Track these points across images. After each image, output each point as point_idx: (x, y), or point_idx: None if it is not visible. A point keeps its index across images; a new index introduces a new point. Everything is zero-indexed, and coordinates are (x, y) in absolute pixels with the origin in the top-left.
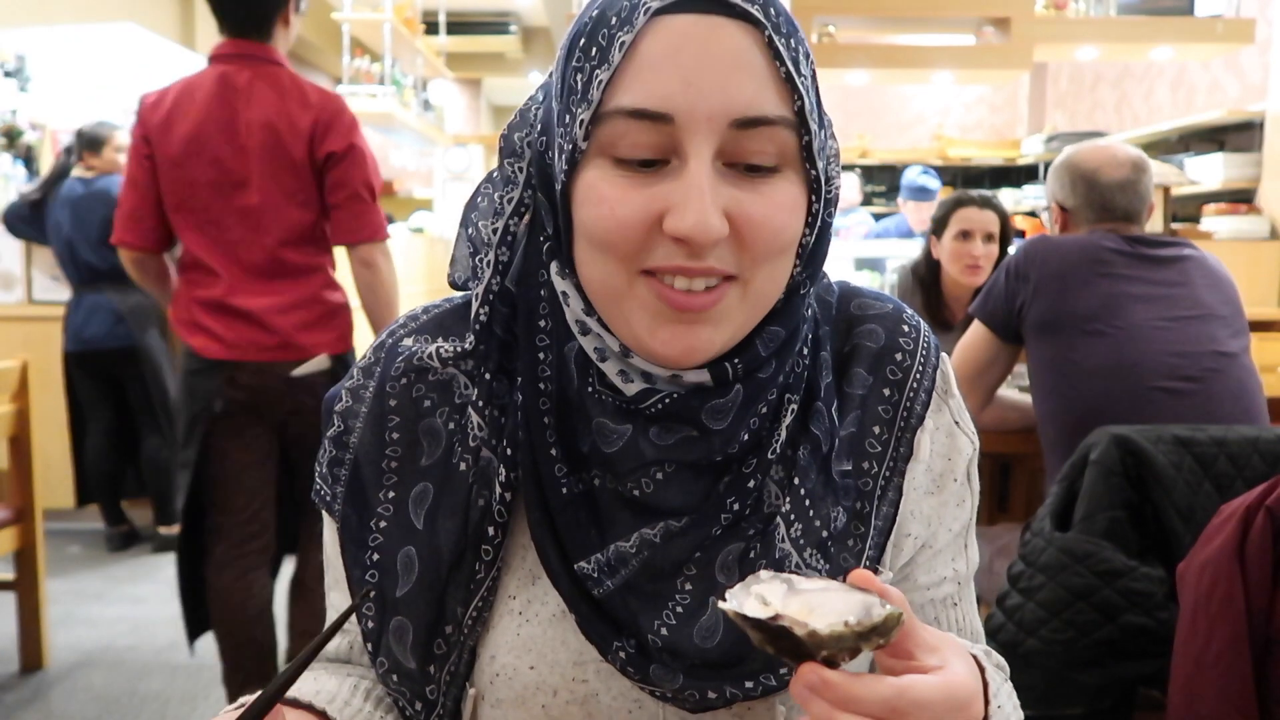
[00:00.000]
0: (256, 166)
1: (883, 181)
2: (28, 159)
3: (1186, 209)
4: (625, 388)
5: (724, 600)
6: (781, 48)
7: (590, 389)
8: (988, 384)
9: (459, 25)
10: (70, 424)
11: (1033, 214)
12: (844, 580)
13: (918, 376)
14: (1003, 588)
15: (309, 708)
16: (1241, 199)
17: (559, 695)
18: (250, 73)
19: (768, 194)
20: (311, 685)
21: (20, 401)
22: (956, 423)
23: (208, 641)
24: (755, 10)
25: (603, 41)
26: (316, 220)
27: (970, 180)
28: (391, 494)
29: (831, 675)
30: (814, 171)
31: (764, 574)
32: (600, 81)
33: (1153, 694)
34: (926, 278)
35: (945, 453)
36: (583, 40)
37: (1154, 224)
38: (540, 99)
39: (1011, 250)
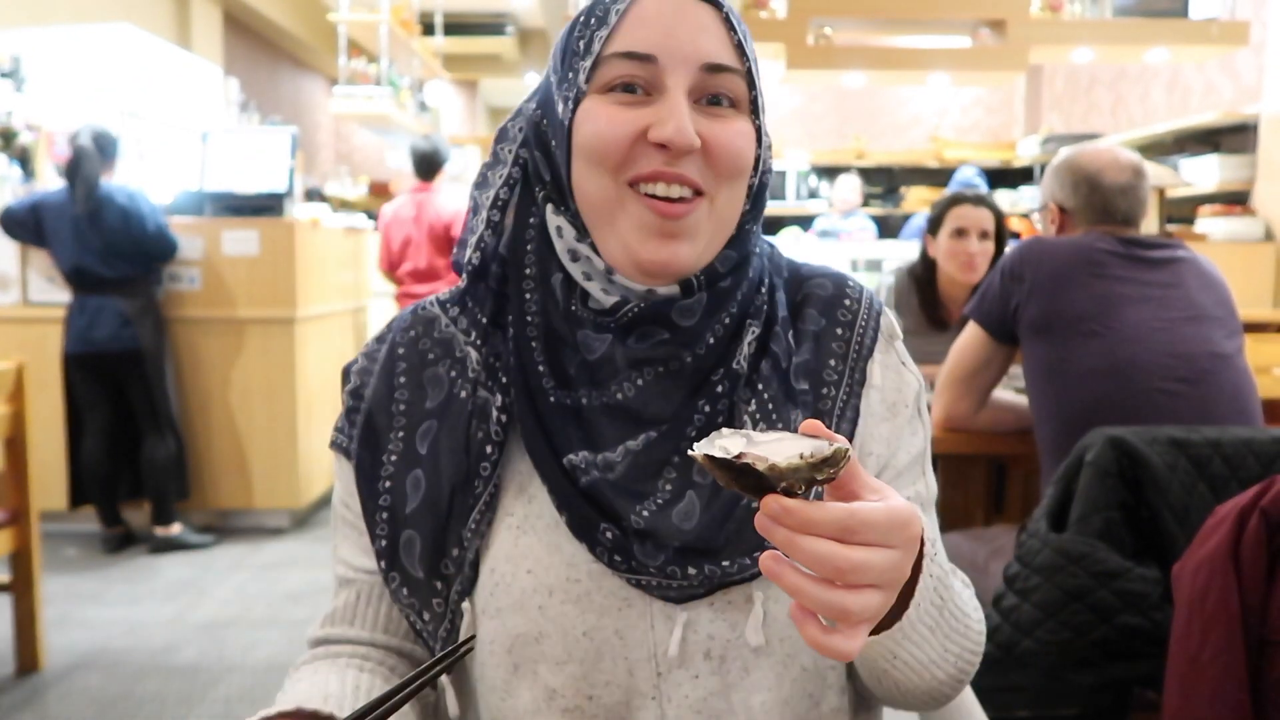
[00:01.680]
0: (426, 241)
1: (879, 183)
2: (23, 160)
3: (1181, 210)
4: (605, 300)
5: (691, 451)
6: (735, 24)
7: (574, 307)
8: (983, 385)
9: (455, 26)
10: (67, 425)
11: (1029, 216)
12: (796, 432)
13: (864, 318)
14: (999, 589)
15: (314, 715)
16: (1236, 200)
17: (554, 595)
18: (423, 198)
19: (730, 123)
20: (320, 689)
21: (16, 403)
22: (903, 362)
23: (204, 645)
24: None
25: (600, 12)
26: (449, 260)
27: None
28: (401, 433)
29: (790, 502)
30: (758, 121)
31: (725, 431)
32: (601, 38)
33: (1148, 695)
34: (923, 278)
35: (896, 385)
36: (583, 18)
37: (1149, 225)
38: (533, 96)
39: (1007, 251)
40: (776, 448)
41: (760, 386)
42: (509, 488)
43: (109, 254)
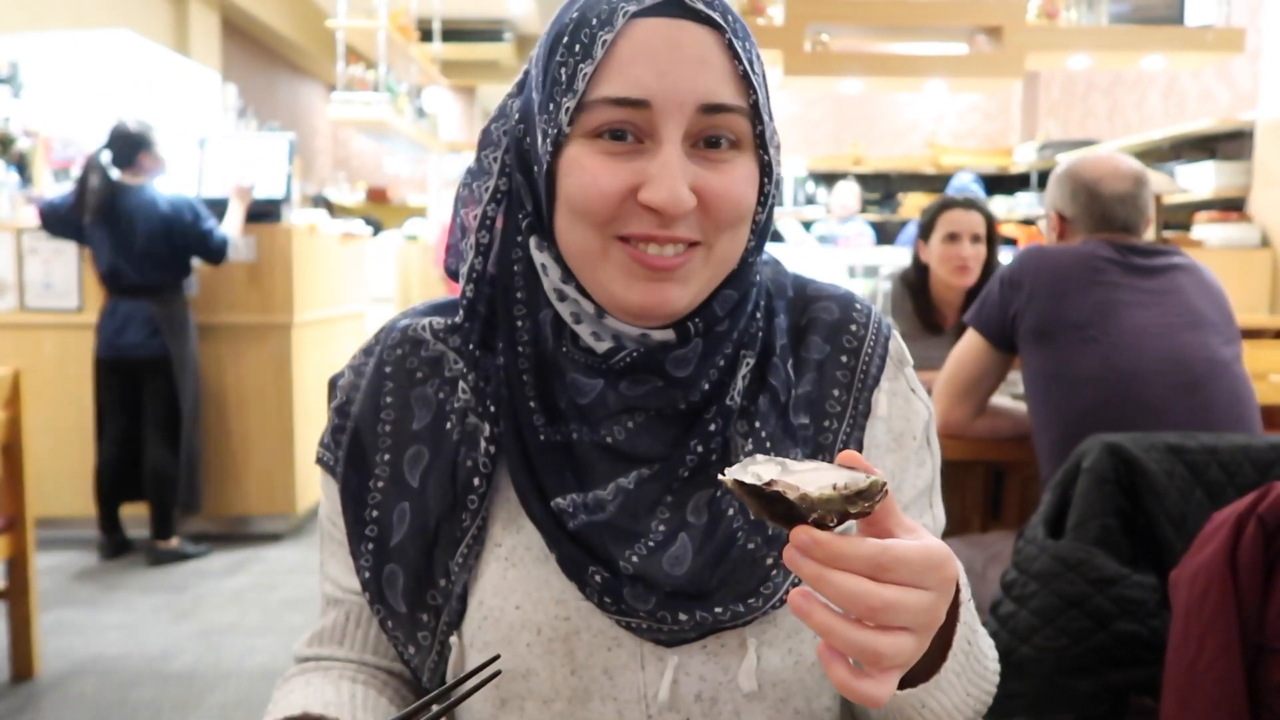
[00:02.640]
0: None
1: (877, 189)
2: (21, 165)
3: (1178, 217)
4: (597, 345)
5: (722, 475)
6: (739, 49)
7: (564, 349)
8: (981, 392)
9: (453, 33)
10: (96, 429)
11: (1028, 221)
12: (834, 462)
13: (870, 345)
14: (996, 595)
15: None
16: (1232, 207)
17: (542, 633)
18: None
19: (728, 171)
20: (317, 697)
21: (13, 409)
22: (912, 390)
23: (200, 652)
24: (716, 16)
25: (585, 39)
26: None
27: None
28: (387, 456)
29: (821, 535)
30: (765, 156)
31: (760, 457)
32: (585, 74)
33: (1145, 701)
34: (915, 283)
35: (903, 414)
36: (565, 39)
37: (1146, 232)
38: (515, 93)
39: (1002, 254)
40: (811, 477)
41: (757, 424)
42: (497, 517)
43: (145, 260)
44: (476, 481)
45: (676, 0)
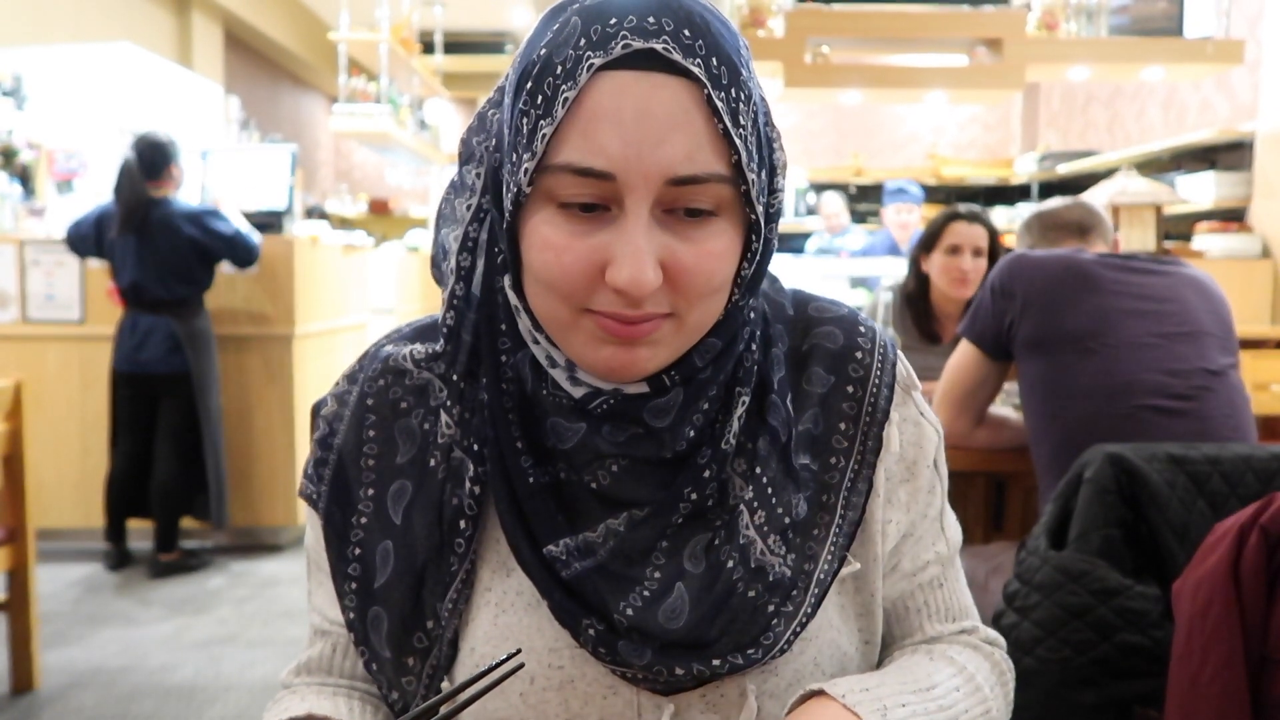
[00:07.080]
0: None
1: (877, 200)
2: (24, 178)
3: (1178, 228)
4: (573, 391)
5: None
6: (720, 103)
7: (544, 390)
8: (979, 403)
9: (455, 45)
10: (110, 440)
11: None
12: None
13: (878, 374)
14: (998, 606)
15: None
16: (1233, 218)
17: (536, 682)
18: None
19: (701, 242)
20: (315, 706)
21: (14, 421)
22: (922, 414)
23: (201, 664)
24: (695, 67)
25: (548, 91)
26: None
27: (964, 199)
28: (370, 491)
29: None
30: (753, 216)
31: None
32: (544, 135)
33: (1149, 713)
34: (915, 294)
35: (915, 441)
36: (530, 84)
37: (1146, 242)
38: (498, 100)
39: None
40: None
41: (758, 469)
42: (487, 560)
43: (167, 274)
44: (463, 524)
45: (648, 51)
